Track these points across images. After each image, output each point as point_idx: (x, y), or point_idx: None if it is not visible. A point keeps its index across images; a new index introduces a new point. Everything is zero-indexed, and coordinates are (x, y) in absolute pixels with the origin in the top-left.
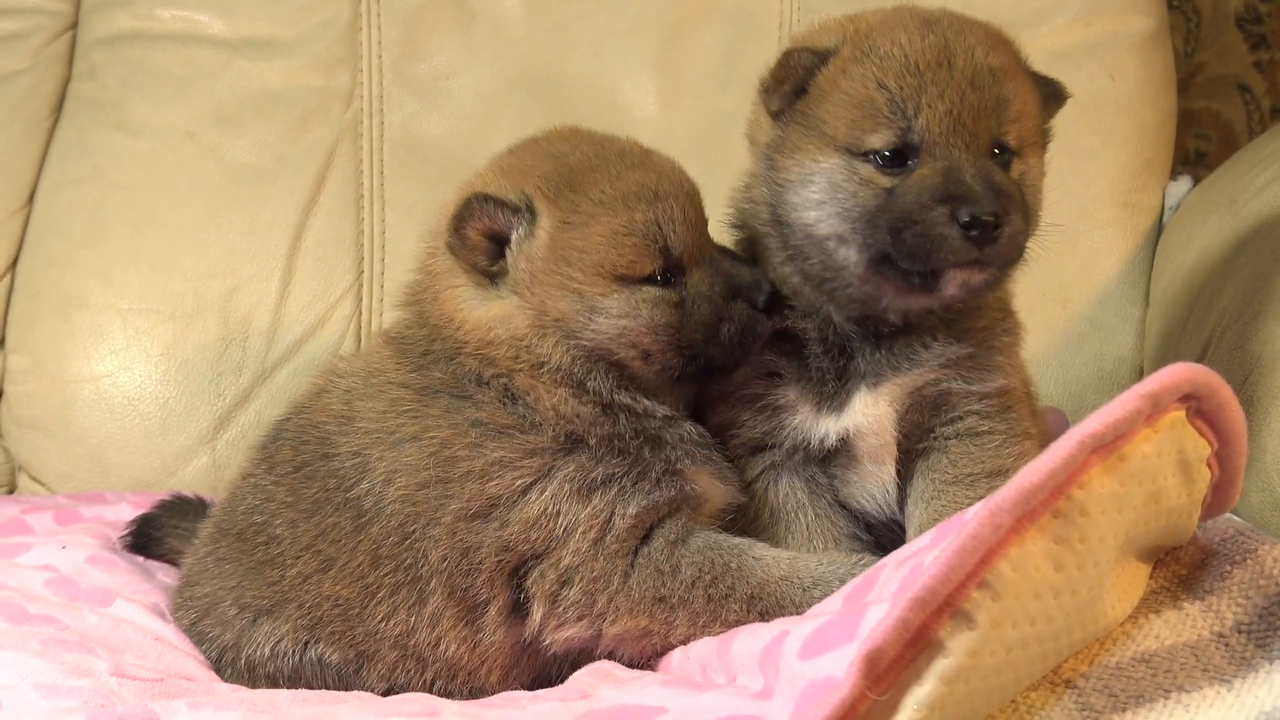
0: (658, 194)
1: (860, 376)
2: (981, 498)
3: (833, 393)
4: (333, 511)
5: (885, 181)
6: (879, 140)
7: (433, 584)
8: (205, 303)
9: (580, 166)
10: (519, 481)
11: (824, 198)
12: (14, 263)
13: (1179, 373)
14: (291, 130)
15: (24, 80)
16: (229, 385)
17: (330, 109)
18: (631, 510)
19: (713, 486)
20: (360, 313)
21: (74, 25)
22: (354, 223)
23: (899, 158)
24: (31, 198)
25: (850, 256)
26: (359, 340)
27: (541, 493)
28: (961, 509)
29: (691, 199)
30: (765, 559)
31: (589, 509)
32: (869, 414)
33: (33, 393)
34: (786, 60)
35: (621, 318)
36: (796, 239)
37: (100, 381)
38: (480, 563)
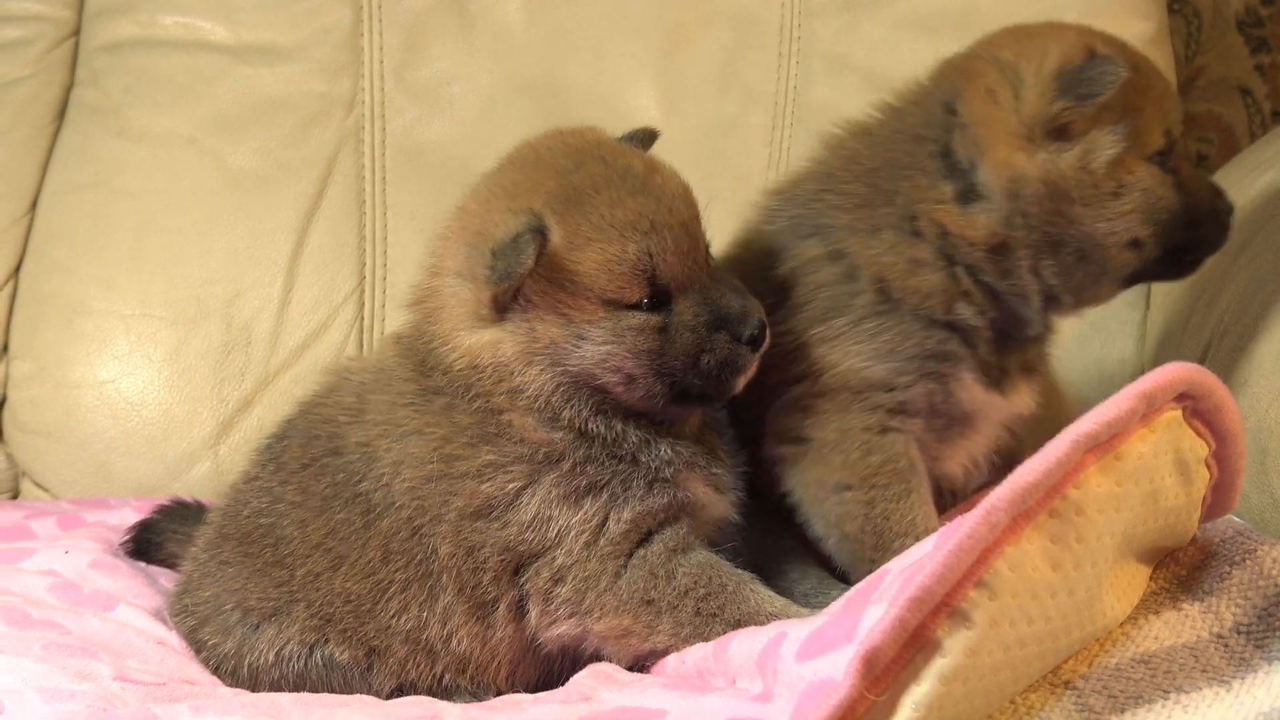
0: (654, 224)
1: (1021, 370)
2: None
3: (997, 378)
4: (342, 507)
5: None
6: None
7: (443, 579)
8: (207, 308)
9: (584, 186)
10: (511, 485)
11: (1133, 207)
12: (17, 269)
13: (1173, 372)
14: (293, 136)
15: (26, 87)
16: (232, 391)
17: (332, 115)
18: (627, 515)
19: (708, 495)
20: (363, 318)
21: (76, 32)
22: (356, 228)
23: None
24: (34, 204)
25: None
26: (361, 346)
27: (532, 497)
28: None
29: (686, 228)
30: (762, 594)
31: (580, 514)
32: (1026, 400)
33: (36, 398)
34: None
35: (605, 344)
36: (1086, 248)
37: (103, 387)
38: (485, 561)
